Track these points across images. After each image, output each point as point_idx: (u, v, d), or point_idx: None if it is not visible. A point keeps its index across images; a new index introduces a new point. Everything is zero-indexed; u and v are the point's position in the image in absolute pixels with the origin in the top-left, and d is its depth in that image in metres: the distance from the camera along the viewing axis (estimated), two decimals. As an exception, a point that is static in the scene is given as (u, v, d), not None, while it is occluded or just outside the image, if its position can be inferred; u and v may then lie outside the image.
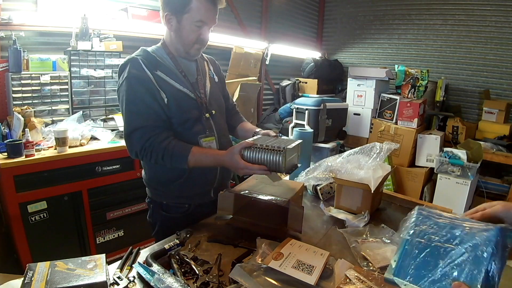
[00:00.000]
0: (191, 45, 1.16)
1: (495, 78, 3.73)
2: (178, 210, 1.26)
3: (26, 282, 0.72)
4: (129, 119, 1.10)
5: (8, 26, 1.95)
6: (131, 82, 1.10)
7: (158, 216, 1.28)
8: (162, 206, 1.27)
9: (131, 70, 1.10)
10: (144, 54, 1.15)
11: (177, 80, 1.16)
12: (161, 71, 1.14)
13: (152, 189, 1.29)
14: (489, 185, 3.24)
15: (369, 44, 4.57)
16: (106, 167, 2.05)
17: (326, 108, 3.04)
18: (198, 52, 1.21)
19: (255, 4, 3.91)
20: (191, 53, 1.20)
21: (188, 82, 1.20)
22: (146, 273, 0.82)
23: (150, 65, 1.12)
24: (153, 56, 1.16)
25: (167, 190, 1.24)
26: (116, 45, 2.37)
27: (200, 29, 1.14)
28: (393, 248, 1.03)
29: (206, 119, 1.22)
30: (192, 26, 1.12)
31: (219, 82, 1.38)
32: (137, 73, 1.10)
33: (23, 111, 1.96)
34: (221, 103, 1.36)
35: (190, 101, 1.19)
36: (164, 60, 1.18)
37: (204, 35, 1.16)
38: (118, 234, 2.18)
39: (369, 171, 1.24)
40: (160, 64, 1.15)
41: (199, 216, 1.21)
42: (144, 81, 1.10)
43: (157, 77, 1.12)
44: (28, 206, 1.77)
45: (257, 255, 0.92)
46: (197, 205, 1.27)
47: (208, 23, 1.14)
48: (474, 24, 3.75)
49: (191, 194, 1.24)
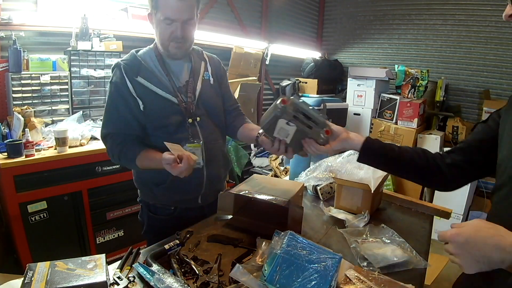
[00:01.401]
0: (167, 43, 1.12)
1: (495, 78, 3.72)
2: (163, 211, 1.26)
3: (26, 282, 0.72)
4: (104, 124, 1.17)
5: (8, 26, 1.95)
6: (111, 89, 1.15)
7: (146, 216, 1.30)
8: (149, 207, 1.28)
9: (113, 76, 1.15)
10: (129, 59, 1.16)
11: (159, 85, 1.14)
12: (142, 76, 1.13)
13: (139, 190, 1.31)
14: (489, 185, 3.23)
15: (369, 44, 4.57)
16: (106, 167, 2.05)
17: (326, 108, 3.04)
18: (178, 50, 1.15)
19: (255, 4, 3.91)
20: (171, 52, 1.15)
21: (173, 86, 1.17)
22: (146, 273, 0.82)
23: (131, 72, 1.12)
24: (138, 60, 1.15)
25: (152, 193, 1.24)
26: (116, 45, 2.37)
27: (170, 27, 1.09)
28: (393, 248, 1.03)
29: (189, 125, 1.18)
30: (162, 24, 1.08)
31: (216, 83, 1.31)
32: (116, 80, 1.13)
33: (23, 111, 1.96)
34: (214, 105, 1.28)
35: (172, 107, 1.15)
36: (149, 64, 1.16)
37: (176, 32, 1.09)
38: (118, 234, 2.18)
39: (369, 171, 1.25)
40: (143, 69, 1.14)
41: (186, 219, 1.20)
42: (121, 89, 1.12)
43: (137, 84, 1.12)
44: (28, 206, 1.77)
45: (257, 255, 0.92)
46: (183, 209, 1.27)
47: (176, 19, 1.07)
48: (474, 24, 3.75)
49: (176, 198, 1.24)
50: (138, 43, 2.76)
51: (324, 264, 0.79)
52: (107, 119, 1.17)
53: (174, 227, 1.10)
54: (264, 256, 0.89)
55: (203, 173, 1.22)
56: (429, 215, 1.37)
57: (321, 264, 0.79)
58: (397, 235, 1.09)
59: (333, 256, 0.82)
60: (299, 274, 0.79)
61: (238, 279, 0.80)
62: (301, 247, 0.84)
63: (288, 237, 0.86)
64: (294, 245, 0.84)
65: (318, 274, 0.78)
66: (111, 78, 1.15)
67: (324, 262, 0.80)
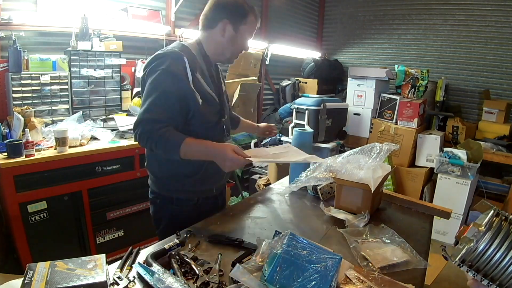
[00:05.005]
0: (239, 52, 1.28)
1: (495, 78, 3.73)
2: (188, 203, 1.29)
3: (26, 282, 0.72)
4: (148, 108, 1.09)
5: (8, 26, 1.95)
6: (164, 76, 1.09)
7: (167, 211, 1.29)
8: (172, 200, 1.28)
9: (172, 65, 1.10)
10: (187, 53, 1.16)
11: (209, 84, 1.21)
12: (199, 73, 1.18)
13: (161, 184, 1.28)
14: (489, 185, 3.24)
15: (369, 44, 4.57)
16: (106, 167, 2.05)
17: (326, 108, 3.04)
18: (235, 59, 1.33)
19: (255, 4, 3.85)
20: (232, 60, 1.32)
21: (215, 86, 1.27)
22: (146, 273, 0.82)
23: (193, 66, 1.15)
24: (194, 56, 1.18)
25: (180, 185, 1.25)
26: (116, 45, 2.37)
27: (246, 41, 1.27)
28: (393, 248, 1.03)
29: (223, 122, 1.30)
30: (247, 36, 1.25)
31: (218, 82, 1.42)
32: (175, 70, 1.10)
33: (23, 111, 1.96)
34: (227, 104, 1.41)
35: (216, 105, 1.26)
36: (200, 62, 1.21)
37: (245, 47, 1.29)
38: (118, 234, 2.18)
39: (369, 171, 1.24)
40: (198, 66, 1.19)
41: (205, 209, 1.29)
42: (181, 80, 1.11)
43: (195, 79, 1.15)
44: (28, 206, 1.77)
45: (257, 255, 0.92)
46: (204, 199, 1.32)
47: (252, 37, 1.30)
48: (474, 24, 3.75)
49: (202, 189, 1.30)
50: (138, 43, 2.78)
51: (324, 264, 0.79)
52: (154, 105, 1.09)
53: (198, 217, 1.20)
54: (264, 256, 0.89)
55: None
56: (429, 215, 1.37)
57: (321, 264, 0.79)
58: (397, 235, 1.09)
59: (333, 256, 0.82)
60: (299, 274, 0.79)
61: (238, 279, 0.80)
62: (301, 247, 0.84)
63: (288, 237, 0.86)
64: (294, 245, 0.84)
65: (318, 274, 0.78)
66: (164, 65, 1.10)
67: (324, 262, 0.80)
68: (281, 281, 0.79)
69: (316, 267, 0.79)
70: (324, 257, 0.81)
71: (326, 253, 0.83)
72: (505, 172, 3.31)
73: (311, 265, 0.80)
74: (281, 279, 0.79)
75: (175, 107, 1.11)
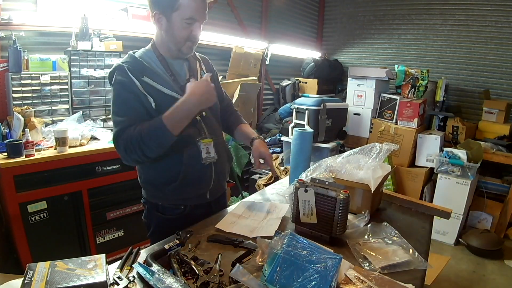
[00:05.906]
0: (183, 42, 1.15)
1: (495, 78, 3.73)
2: (173, 211, 1.25)
3: (26, 282, 0.72)
4: (116, 122, 1.10)
5: (8, 26, 1.95)
6: (117, 88, 1.11)
7: (154, 217, 1.28)
8: (157, 208, 1.26)
9: (117, 77, 1.11)
10: (131, 61, 1.15)
11: (165, 85, 1.15)
12: (147, 76, 1.13)
13: (146, 191, 1.28)
14: (489, 185, 3.23)
15: (369, 44, 4.57)
16: (106, 167, 2.05)
17: (326, 108, 3.04)
18: (191, 50, 1.19)
19: (255, 4, 3.91)
20: (183, 51, 1.18)
21: (177, 85, 1.18)
22: (146, 273, 0.82)
23: (136, 72, 1.12)
24: (139, 61, 1.15)
25: (162, 193, 1.22)
26: (116, 45, 2.37)
27: (191, 26, 1.12)
28: (394, 248, 1.03)
29: (197, 121, 1.20)
30: (183, 23, 1.11)
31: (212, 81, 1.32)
32: (122, 79, 1.10)
33: (23, 111, 1.96)
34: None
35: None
36: (151, 64, 1.16)
37: (195, 31, 1.14)
38: (118, 234, 2.18)
39: (369, 171, 1.24)
40: (147, 69, 1.14)
41: (195, 217, 1.21)
42: (130, 87, 1.10)
43: (144, 83, 1.12)
44: (28, 206, 1.77)
45: (257, 255, 0.92)
46: (193, 207, 1.26)
47: (198, 20, 1.12)
48: (474, 24, 3.75)
49: (186, 196, 1.23)
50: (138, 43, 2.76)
51: (324, 264, 0.80)
52: (118, 116, 1.10)
53: (184, 226, 1.12)
54: (264, 256, 0.89)
55: (212, 168, 1.23)
56: (429, 215, 1.37)
57: (322, 264, 0.79)
58: (398, 235, 1.09)
59: (333, 256, 0.82)
60: (299, 274, 0.79)
61: (238, 279, 0.80)
62: (301, 247, 0.84)
63: (288, 237, 0.86)
64: (295, 245, 0.84)
65: (319, 275, 0.78)
66: (113, 79, 1.12)
67: (324, 262, 0.80)
68: (281, 281, 0.79)
69: (316, 267, 0.79)
70: (324, 257, 0.81)
71: (326, 253, 0.83)
72: (505, 172, 3.31)
73: (311, 265, 0.80)
74: (281, 279, 0.79)
75: (136, 109, 1.10)
